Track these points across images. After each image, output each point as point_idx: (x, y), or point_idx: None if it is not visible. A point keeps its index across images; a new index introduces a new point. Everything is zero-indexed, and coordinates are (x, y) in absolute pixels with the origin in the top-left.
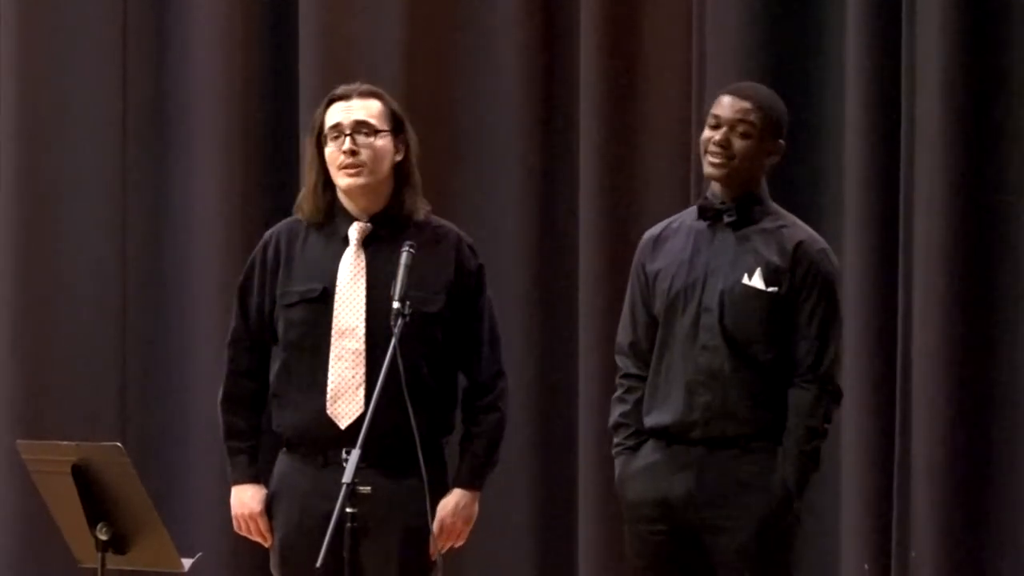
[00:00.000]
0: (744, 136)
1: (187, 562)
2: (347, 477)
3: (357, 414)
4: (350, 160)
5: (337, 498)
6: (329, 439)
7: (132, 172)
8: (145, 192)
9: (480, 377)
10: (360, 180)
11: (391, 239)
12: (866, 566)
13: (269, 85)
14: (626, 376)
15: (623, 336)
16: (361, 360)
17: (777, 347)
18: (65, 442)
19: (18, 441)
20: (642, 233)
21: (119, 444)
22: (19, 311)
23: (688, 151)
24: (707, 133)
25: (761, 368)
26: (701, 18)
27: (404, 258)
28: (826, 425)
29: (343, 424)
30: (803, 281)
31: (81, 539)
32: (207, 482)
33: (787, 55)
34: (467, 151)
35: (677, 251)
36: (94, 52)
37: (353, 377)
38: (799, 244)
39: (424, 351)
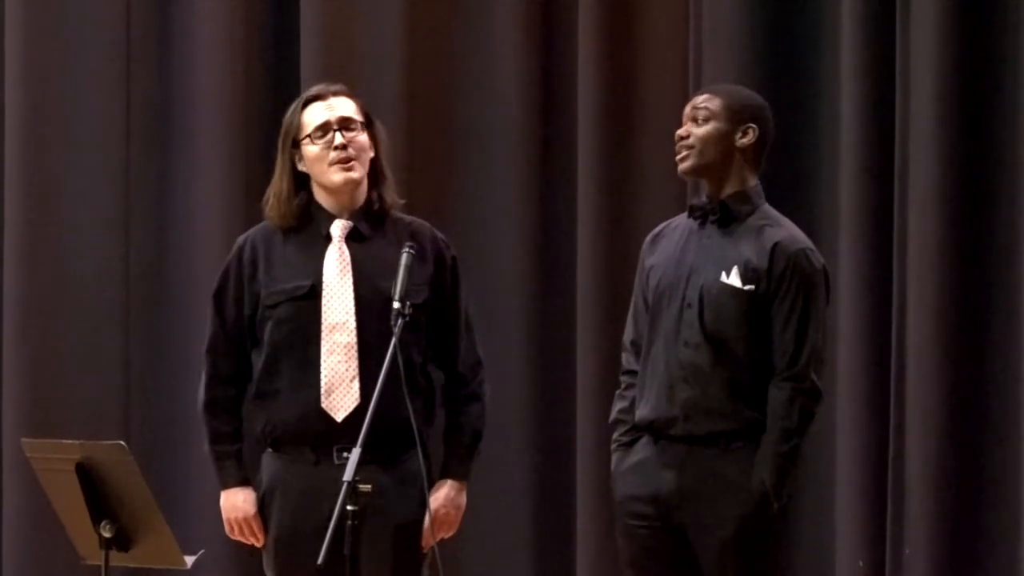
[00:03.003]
0: (703, 122)
1: (190, 559)
2: (348, 475)
3: (353, 406)
4: (344, 154)
5: (331, 496)
6: (323, 433)
7: (135, 172)
8: (148, 192)
9: (460, 367)
10: (354, 174)
11: (371, 235)
12: (860, 563)
13: (270, 86)
14: (627, 372)
15: (627, 333)
16: (353, 353)
17: (757, 345)
18: (69, 440)
19: (23, 439)
20: (640, 233)
21: (123, 442)
22: (23, 310)
23: None
24: None
25: (741, 365)
26: (698, 19)
27: (404, 259)
28: (803, 424)
29: (339, 417)
30: (780, 280)
31: (85, 536)
32: (210, 480)
33: (783, 56)
34: (466, 151)
35: (670, 249)
36: (98, 53)
37: (347, 370)
38: (776, 244)
39: (417, 343)
